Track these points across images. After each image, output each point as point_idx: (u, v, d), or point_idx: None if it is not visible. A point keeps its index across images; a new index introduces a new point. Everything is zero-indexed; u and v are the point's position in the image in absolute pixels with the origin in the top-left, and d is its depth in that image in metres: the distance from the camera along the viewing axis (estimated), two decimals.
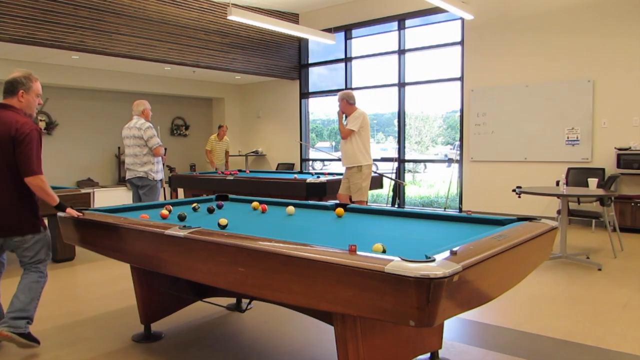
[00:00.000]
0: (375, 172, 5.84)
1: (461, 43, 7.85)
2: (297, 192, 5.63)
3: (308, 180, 5.65)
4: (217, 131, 8.93)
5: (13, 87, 2.84)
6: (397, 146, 8.82)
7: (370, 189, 6.79)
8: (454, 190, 8.34)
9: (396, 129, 8.83)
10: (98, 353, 2.81)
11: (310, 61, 10.03)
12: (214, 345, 2.91)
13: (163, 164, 5.36)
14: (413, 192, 10.33)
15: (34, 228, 2.90)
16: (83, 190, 5.04)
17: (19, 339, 2.73)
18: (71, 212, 2.92)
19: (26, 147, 2.71)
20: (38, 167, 2.74)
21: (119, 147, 9.95)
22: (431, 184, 10.96)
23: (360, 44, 9.38)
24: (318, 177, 6.07)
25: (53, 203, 2.86)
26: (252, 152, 10.89)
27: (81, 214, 2.92)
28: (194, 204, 3.40)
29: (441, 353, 2.68)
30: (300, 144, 6.02)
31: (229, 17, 6.93)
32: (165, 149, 5.22)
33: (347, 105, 5.11)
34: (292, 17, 9.51)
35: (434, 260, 1.60)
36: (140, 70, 9.08)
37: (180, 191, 7.48)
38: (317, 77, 10.21)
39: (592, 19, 6.69)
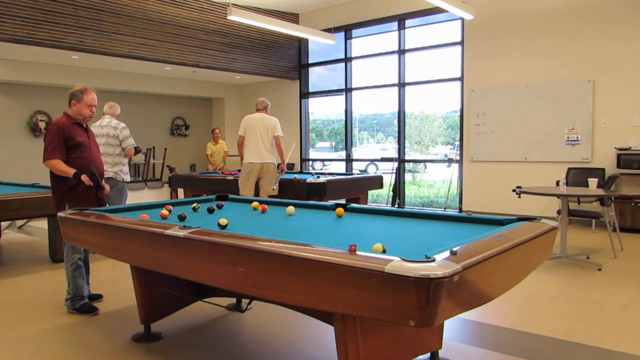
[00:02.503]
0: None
1: (461, 43, 7.85)
2: (297, 192, 5.63)
3: (308, 180, 5.65)
4: (212, 136, 9.23)
5: (69, 98, 3.55)
6: (397, 146, 8.82)
7: (370, 189, 6.83)
8: (454, 190, 8.34)
9: (396, 129, 8.83)
10: (98, 353, 2.81)
11: (310, 61, 10.03)
12: (214, 345, 2.91)
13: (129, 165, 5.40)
14: (413, 192, 10.33)
15: None
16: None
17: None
18: (85, 179, 3.40)
19: (44, 139, 3.50)
20: (47, 155, 3.40)
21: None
22: (431, 184, 10.96)
23: (360, 44, 9.38)
24: (318, 177, 6.07)
25: (70, 175, 3.42)
26: None
27: (91, 183, 3.45)
28: (194, 204, 3.40)
29: (441, 353, 2.68)
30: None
31: (229, 17, 6.93)
32: (139, 150, 5.26)
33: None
34: (292, 17, 9.52)
35: (434, 260, 1.60)
36: (140, 70, 9.08)
37: (180, 191, 7.48)
38: (317, 77, 10.21)
39: (592, 19, 6.69)
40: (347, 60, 9.40)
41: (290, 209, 3.15)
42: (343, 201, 5.12)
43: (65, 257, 3.55)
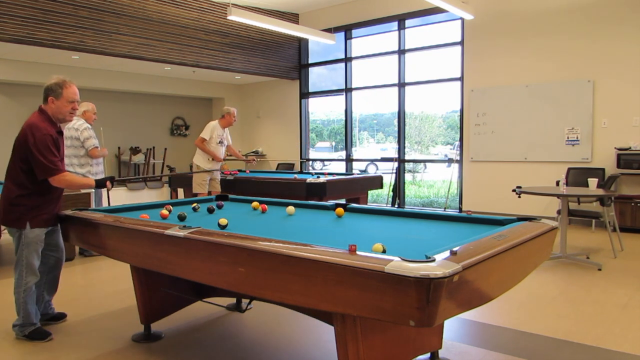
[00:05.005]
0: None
1: (461, 43, 7.85)
2: (297, 192, 5.63)
3: (308, 180, 5.65)
4: None
5: (45, 93, 3.00)
6: (397, 146, 8.82)
7: (370, 189, 6.83)
8: (454, 190, 8.34)
9: (396, 129, 8.83)
10: (98, 353, 2.81)
11: (310, 61, 10.03)
12: (214, 345, 2.91)
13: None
14: (413, 192, 10.33)
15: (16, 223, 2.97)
16: (83, 191, 5.03)
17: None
18: (109, 185, 3.17)
19: (33, 150, 2.86)
20: (54, 168, 2.90)
21: (119, 147, 9.96)
22: (431, 184, 10.96)
23: (360, 44, 9.38)
24: (318, 177, 6.07)
25: (93, 185, 3.15)
26: (252, 152, 10.89)
27: (110, 187, 3.19)
28: (194, 204, 3.40)
29: (441, 353, 2.67)
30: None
31: (229, 17, 6.93)
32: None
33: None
34: (292, 17, 9.51)
35: (434, 260, 1.60)
36: (140, 70, 9.08)
37: (180, 191, 7.48)
38: (317, 77, 10.21)
39: (592, 19, 6.69)
40: (347, 60, 9.39)
41: (290, 209, 3.15)
42: (343, 201, 5.13)
43: (16, 280, 2.99)
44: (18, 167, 2.93)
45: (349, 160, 9.56)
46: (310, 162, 10.47)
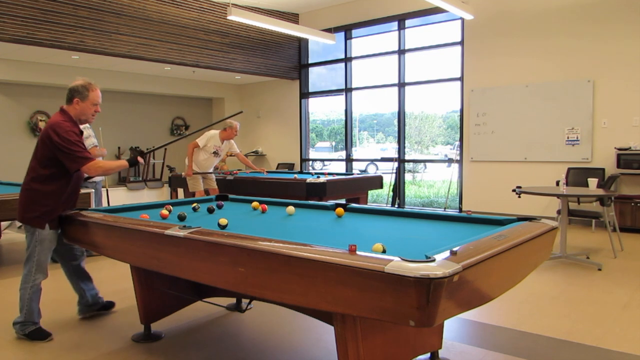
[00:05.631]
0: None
1: (461, 43, 7.85)
2: (297, 192, 5.63)
3: (308, 180, 5.65)
4: None
5: (70, 94, 3.03)
6: (397, 146, 8.82)
7: (370, 189, 6.83)
8: (454, 190, 8.34)
9: (396, 129, 8.83)
10: (98, 353, 2.81)
11: (310, 61, 10.03)
12: (214, 345, 2.91)
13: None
14: (413, 192, 10.33)
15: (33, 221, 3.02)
16: (83, 190, 5.03)
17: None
18: (141, 160, 3.23)
19: (61, 144, 2.92)
20: (83, 159, 2.95)
21: (119, 147, 9.96)
22: (431, 184, 10.96)
23: (360, 44, 9.38)
24: (318, 177, 6.07)
25: (126, 166, 3.21)
26: (252, 152, 10.89)
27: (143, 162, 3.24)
28: (194, 204, 3.40)
29: (441, 353, 2.68)
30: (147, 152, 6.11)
31: (229, 17, 6.93)
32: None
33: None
34: (292, 17, 9.51)
35: (434, 260, 1.60)
36: (140, 70, 9.08)
37: (180, 191, 7.48)
38: (317, 77, 10.21)
39: (592, 19, 6.69)
40: (347, 60, 9.39)
41: (290, 209, 3.15)
42: (343, 201, 5.13)
43: (24, 276, 3.03)
44: (39, 167, 2.98)
45: (349, 160, 9.56)
46: (310, 162, 10.47)
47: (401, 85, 8.62)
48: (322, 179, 5.73)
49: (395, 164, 8.64)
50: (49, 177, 2.97)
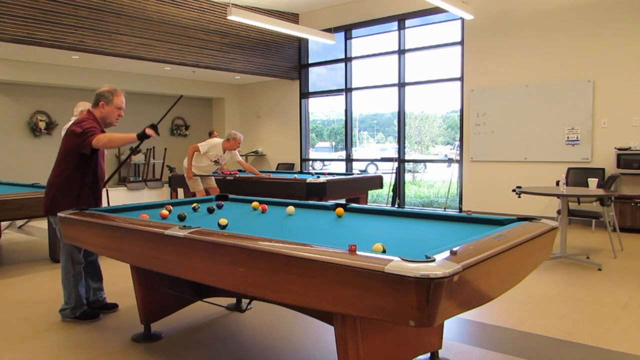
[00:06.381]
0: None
1: (461, 43, 7.85)
2: (297, 192, 5.63)
3: (308, 180, 5.65)
4: (209, 138, 9.14)
5: (97, 98, 3.26)
6: (397, 146, 8.82)
7: (370, 189, 6.84)
8: (454, 190, 8.34)
9: (396, 129, 8.83)
10: (98, 353, 2.81)
11: (310, 61, 10.03)
12: (214, 345, 2.91)
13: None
14: (413, 192, 10.33)
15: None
16: None
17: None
18: (151, 132, 3.17)
19: (78, 128, 3.13)
20: (91, 135, 3.09)
21: (119, 147, 9.95)
22: (431, 184, 10.96)
23: (360, 44, 9.38)
24: (318, 177, 6.08)
25: (134, 139, 3.16)
26: (252, 152, 10.90)
27: (155, 134, 3.19)
28: (194, 204, 3.40)
29: (441, 353, 2.68)
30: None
31: (229, 17, 6.93)
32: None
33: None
34: (292, 17, 9.52)
35: (434, 260, 1.60)
36: (140, 70, 9.08)
37: (180, 191, 7.48)
38: (317, 77, 10.21)
39: (592, 19, 6.69)
40: (347, 60, 9.40)
41: (290, 209, 3.15)
42: (343, 201, 5.13)
43: (64, 267, 3.28)
44: (61, 162, 3.23)
45: (349, 160, 9.56)
46: (310, 162, 10.47)
47: (401, 85, 8.62)
48: (322, 179, 5.73)
49: (395, 164, 8.64)
50: (69, 169, 3.19)
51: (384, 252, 1.84)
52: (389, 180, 8.51)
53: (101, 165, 3.40)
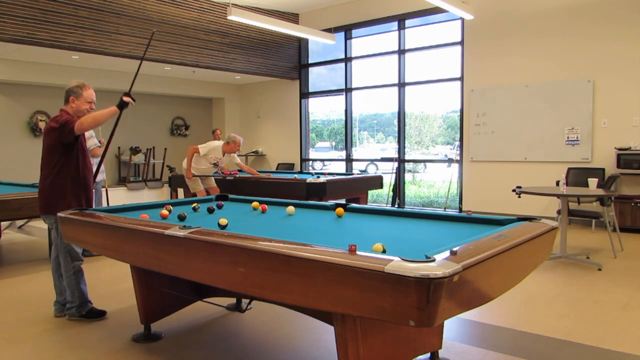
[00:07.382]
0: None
1: (461, 43, 7.85)
2: (297, 192, 5.63)
3: (308, 180, 5.65)
4: (213, 136, 9.15)
5: (66, 95, 3.33)
6: (397, 146, 8.82)
7: (370, 189, 6.83)
8: (454, 190, 8.34)
9: (396, 129, 8.83)
10: (98, 353, 2.81)
11: (310, 61, 10.03)
12: (214, 345, 2.91)
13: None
14: (413, 192, 10.33)
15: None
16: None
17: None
18: (128, 99, 3.40)
19: (59, 123, 3.21)
20: (71, 124, 3.17)
21: (119, 147, 9.96)
22: (431, 184, 10.96)
23: (360, 44, 9.38)
24: (318, 177, 6.08)
25: (115, 112, 3.33)
26: (252, 152, 10.90)
27: (132, 101, 3.42)
28: (194, 204, 3.40)
29: (441, 353, 2.68)
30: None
31: (229, 17, 6.93)
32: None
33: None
34: (292, 17, 9.52)
35: (434, 260, 1.60)
36: (140, 70, 9.06)
37: (180, 191, 7.48)
38: (317, 77, 10.21)
39: (592, 20, 6.69)
40: (347, 60, 9.39)
41: (290, 209, 3.15)
42: (343, 201, 5.13)
43: (63, 266, 3.33)
44: (46, 159, 3.28)
45: (349, 160, 9.56)
46: (310, 162, 10.47)
47: (401, 85, 8.62)
48: (322, 179, 5.73)
49: (395, 164, 8.64)
50: (57, 167, 3.22)
51: (384, 252, 1.84)
52: (389, 180, 8.51)
53: (87, 158, 3.43)
